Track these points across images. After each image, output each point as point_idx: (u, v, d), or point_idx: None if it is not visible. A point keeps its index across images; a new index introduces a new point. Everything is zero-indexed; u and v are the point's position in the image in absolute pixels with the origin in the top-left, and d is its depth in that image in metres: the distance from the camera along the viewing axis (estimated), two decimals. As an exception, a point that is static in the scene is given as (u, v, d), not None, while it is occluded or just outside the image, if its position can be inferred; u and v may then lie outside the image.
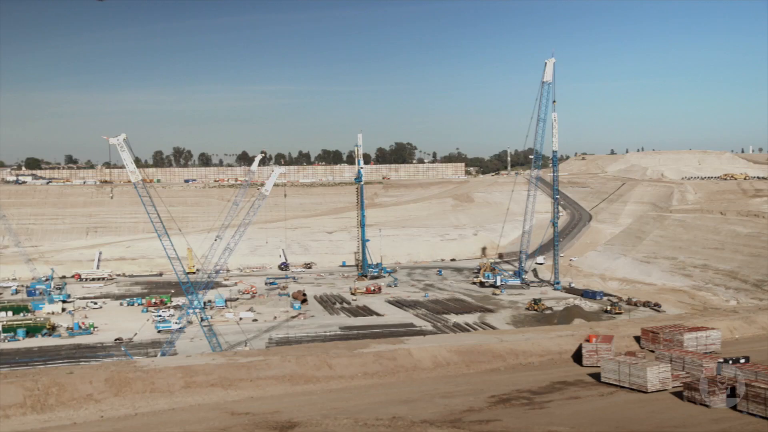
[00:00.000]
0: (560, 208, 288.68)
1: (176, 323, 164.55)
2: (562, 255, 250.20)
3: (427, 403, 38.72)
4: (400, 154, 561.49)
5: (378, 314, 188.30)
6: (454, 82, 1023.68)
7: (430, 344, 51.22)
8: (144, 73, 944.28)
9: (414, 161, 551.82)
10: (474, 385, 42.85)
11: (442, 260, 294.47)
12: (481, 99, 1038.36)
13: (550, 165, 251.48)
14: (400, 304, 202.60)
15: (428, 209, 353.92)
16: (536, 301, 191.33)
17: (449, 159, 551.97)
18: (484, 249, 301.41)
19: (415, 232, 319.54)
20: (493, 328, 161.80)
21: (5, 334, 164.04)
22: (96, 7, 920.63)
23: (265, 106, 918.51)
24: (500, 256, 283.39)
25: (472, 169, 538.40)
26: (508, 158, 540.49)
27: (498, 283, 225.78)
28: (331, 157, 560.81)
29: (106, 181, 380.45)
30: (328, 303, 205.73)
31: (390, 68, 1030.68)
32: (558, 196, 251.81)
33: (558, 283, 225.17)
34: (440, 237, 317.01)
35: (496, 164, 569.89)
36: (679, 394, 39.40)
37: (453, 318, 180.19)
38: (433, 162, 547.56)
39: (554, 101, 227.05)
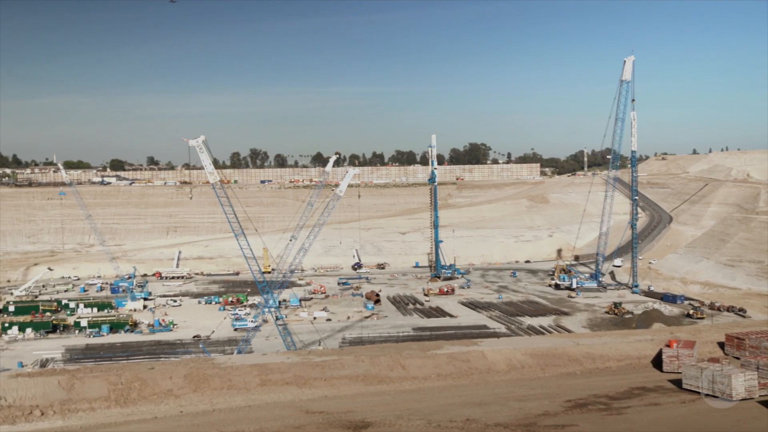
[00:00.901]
0: (639, 210, 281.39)
1: (252, 322, 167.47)
2: (640, 257, 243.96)
3: (501, 406, 38.28)
4: (474, 155, 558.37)
5: (451, 315, 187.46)
6: (529, 81, 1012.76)
7: (504, 346, 50.70)
8: (222, 77, 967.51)
9: (488, 162, 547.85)
10: (549, 389, 42.17)
11: (516, 262, 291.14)
12: (557, 98, 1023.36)
13: (629, 165, 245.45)
14: (473, 305, 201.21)
15: (502, 210, 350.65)
16: (617, 305, 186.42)
17: (524, 159, 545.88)
18: (559, 251, 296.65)
19: (488, 233, 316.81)
20: (568, 331, 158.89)
21: (91, 330, 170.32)
22: (174, 14, 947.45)
23: (340, 107, 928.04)
24: (576, 258, 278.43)
25: (547, 169, 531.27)
26: (585, 158, 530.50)
27: (574, 286, 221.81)
28: (405, 158, 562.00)
29: (185, 182, 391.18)
30: (401, 303, 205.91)
31: (464, 68, 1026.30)
32: (637, 197, 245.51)
33: (636, 286, 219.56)
34: (514, 238, 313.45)
35: (572, 165, 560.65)
36: (766, 404, 37.85)
37: (527, 320, 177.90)
38: (507, 163, 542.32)
39: (633, 100, 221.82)
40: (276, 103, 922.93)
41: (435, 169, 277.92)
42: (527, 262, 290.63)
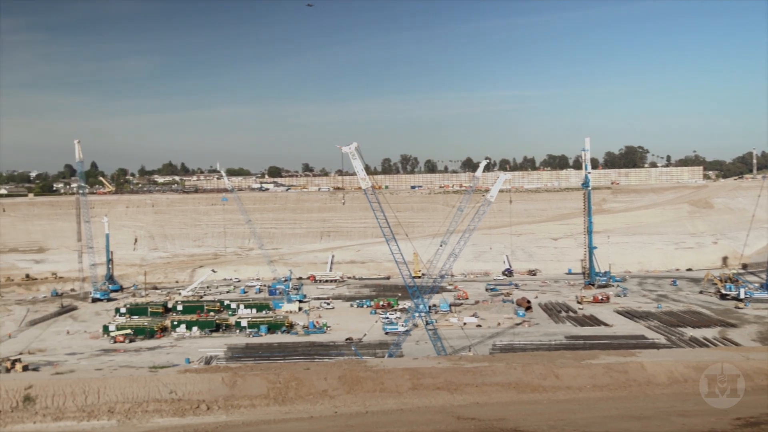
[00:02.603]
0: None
1: (403, 326, 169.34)
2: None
3: (663, 421, 36.38)
4: (631, 158, 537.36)
5: (606, 324, 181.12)
6: (689, 80, 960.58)
7: (664, 358, 48.38)
8: (374, 83, 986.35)
9: (646, 165, 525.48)
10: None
11: (677, 270, 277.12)
12: (722, 97, 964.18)
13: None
14: (630, 314, 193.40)
15: (661, 215, 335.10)
16: None
17: (685, 162, 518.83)
18: (725, 259, 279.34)
19: (646, 239, 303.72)
20: (736, 344, 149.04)
21: (250, 330, 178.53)
22: (327, 23, 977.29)
23: (490, 112, 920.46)
24: (744, 266, 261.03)
25: (711, 172, 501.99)
26: (754, 160, 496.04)
27: (742, 296, 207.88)
28: (557, 162, 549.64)
29: (338, 188, 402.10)
30: (553, 311, 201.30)
31: (619, 69, 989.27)
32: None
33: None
34: (674, 245, 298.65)
35: (739, 167, 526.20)
36: None
37: (689, 331, 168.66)
38: (666, 166, 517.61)
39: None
40: (426, 109, 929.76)
41: (589, 173, 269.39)
42: (689, 270, 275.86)
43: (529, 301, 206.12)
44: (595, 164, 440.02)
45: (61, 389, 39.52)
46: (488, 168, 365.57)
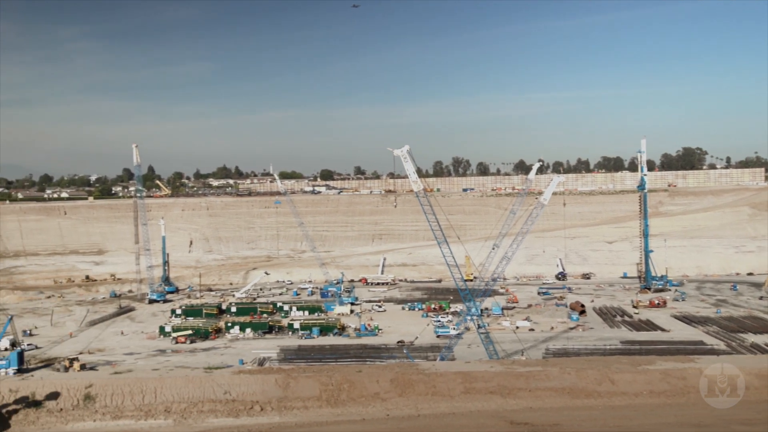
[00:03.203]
0: None
1: (454, 329, 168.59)
2: None
3: (723, 429, 35.48)
4: (689, 160, 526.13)
5: (663, 329, 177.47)
6: (749, 79, 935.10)
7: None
8: (425, 86, 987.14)
9: (704, 167, 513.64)
10: (779, 414, 38.46)
11: (737, 274, 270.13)
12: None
13: None
14: (687, 319, 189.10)
15: (721, 219, 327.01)
16: None
17: (745, 164, 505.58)
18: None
19: (704, 243, 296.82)
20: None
21: (303, 332, 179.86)
22: (379, 26, 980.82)
23: (543, 113, 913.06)
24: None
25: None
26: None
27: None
28: (612, 164, 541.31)
29: (390, 191, 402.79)
30: (608, 315, 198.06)
31: (676, 69, 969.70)
32: None
33: None
34: (734, 249, 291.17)
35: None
36: None
37: (750, 337, 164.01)
38: (726, 168, 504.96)
39: None
40: (478, 111, 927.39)
41: (644, 175, 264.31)
42: (749, 274, 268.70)
43: (583, 305, 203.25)
44: (651, 166, 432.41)
45: (120, 388, 40.44)
46: (541, 170, 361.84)
